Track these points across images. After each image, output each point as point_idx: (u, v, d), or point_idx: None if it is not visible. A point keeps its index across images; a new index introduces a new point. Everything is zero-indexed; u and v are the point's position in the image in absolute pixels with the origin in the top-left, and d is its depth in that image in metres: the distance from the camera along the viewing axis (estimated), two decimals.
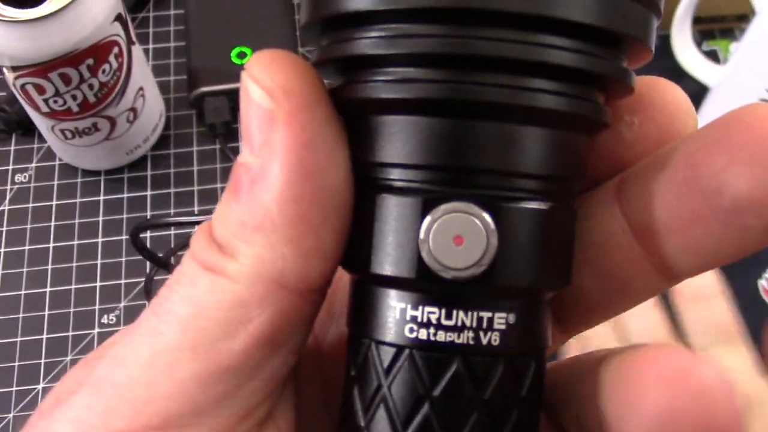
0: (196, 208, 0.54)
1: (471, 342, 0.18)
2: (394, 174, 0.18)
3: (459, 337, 0.18)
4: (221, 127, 0.56)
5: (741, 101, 0.49)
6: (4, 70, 0.46)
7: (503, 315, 0.18)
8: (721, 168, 0.18)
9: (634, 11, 0.18)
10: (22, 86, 0.46)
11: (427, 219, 0.18)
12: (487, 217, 0.18)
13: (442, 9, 0.17)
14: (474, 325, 0.18)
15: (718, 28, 0.61)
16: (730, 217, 0.18)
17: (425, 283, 0.18)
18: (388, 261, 0.18)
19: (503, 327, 0.18)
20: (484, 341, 0.18)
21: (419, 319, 0.18)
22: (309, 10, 0.19)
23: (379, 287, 0.19)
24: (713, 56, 0.60)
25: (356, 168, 0.19)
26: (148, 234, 0.53)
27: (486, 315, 0.18)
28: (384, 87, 0.18)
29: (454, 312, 0.18)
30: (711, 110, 0.55)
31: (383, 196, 0.18)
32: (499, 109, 0.18)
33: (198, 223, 0.50)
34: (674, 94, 0.20)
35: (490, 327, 0.18)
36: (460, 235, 0.18)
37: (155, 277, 0.51)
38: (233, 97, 0.56)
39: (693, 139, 0.19)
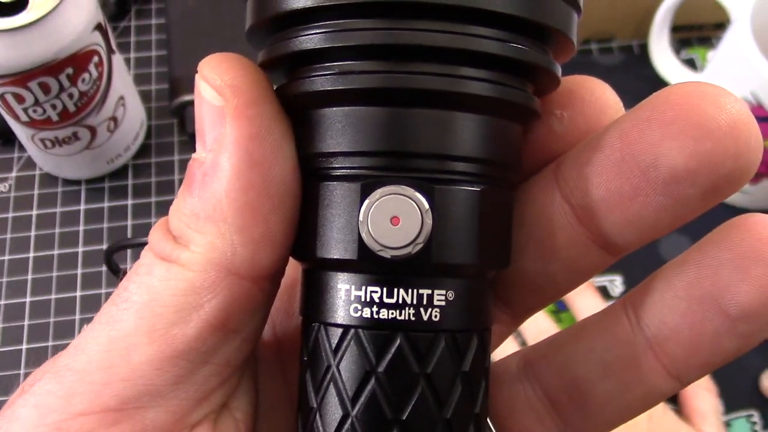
0: None
1: (412, 318, 0.19)
2: (336, 162, 0.20)
3: (401, 314, 0.19)
4: None
5: None
6: None
7: (442, 292, 0.19)
8: (656, 142, 0.19)
9: (557, 7, 0.19)
10: (2, 96, 0.46)
11: (366, 202, 0.19)
12: (421, 198, 0.19)
13: (377, 3, 0.18)
14: (414, 302, 0.19)
15: (696, 36, 0.62)
16: (668, 188, 0.19)
17: (366, 264, 0.19)
18: (332, 245, 0.20)
19: (443, 304, 0.19)
20: (425, 317, 0.19)
21: (363, 299, 0.19)
22: (252, 14, 0.20)
23: (325, 272, 0.20)
24: (691, 64, 0.60)
25: (303, 161, 0.20)
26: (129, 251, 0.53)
27: (425, 292, 0.19)
28: (323, 80, 0.19)
29: (395, 290, 0.19)
30: None
31: (325, 184, 0.20)
32: (433, 97, 0.19)
33: None
34: (602, 91, 0.22)
35: (430, 303, 0.19)
36: (396, 216, 0.19)
37: None
38: None
39: (625, 119, 0.20)
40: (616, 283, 0.51)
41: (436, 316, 0.19)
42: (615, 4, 0.58)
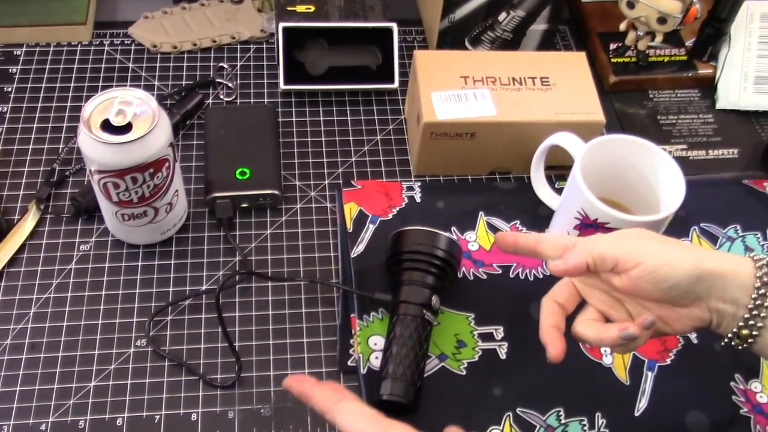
0: (187, 289, 0.79)
1: None
2: None
3: None
4: (226, 221, 0.82)
5: (565, 219, 0.77)
6: (92, 172, 0.72)
7: None
8: None
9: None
10: (104, 183, 0.72)
11: None
12: None
13: None
14: None
15: (567, 173, 0.89)
16: None
17: None
18: None
19: None
20: None
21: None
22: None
23: None
24: (560, 191, 0.87)
25: None
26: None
27: None
28: None
29: None
30: (554, 224, 0.82)
31: None
32: None
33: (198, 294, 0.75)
34: None
35: None
36: None
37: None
38: (235, 201, 0.82)
39: None
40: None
41: None
42: (510, 148, 0.86)
